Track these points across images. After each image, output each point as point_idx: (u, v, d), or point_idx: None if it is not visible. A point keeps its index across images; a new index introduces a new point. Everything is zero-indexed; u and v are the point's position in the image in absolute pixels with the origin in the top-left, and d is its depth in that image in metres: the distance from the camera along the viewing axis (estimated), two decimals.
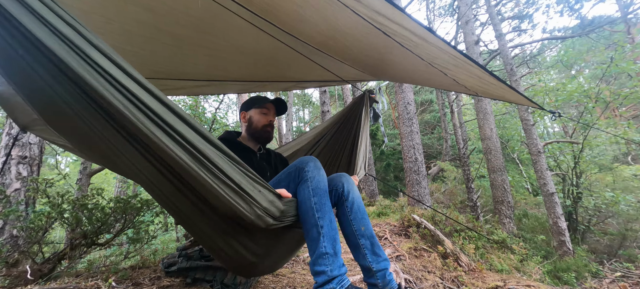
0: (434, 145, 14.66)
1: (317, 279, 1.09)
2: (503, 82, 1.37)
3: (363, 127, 2.16)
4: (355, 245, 1.27)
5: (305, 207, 1.17)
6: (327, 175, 1.31)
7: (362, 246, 1.25)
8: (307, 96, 22.04)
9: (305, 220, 1.17)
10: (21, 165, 2.83)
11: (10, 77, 0.87)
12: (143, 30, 1.48)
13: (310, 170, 1.23)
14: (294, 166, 1.29)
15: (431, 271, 2.80)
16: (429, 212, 4.35)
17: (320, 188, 1.20)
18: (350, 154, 2.17)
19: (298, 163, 1.29)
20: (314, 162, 1.28)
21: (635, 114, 10.43)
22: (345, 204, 1.29)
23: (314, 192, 1.18)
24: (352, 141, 2.18)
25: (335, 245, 1.13)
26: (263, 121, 1.66)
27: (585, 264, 4.21)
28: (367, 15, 1.05)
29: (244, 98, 8.56)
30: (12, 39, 0.72)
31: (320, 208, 1.16)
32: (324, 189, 1.21)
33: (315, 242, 1.12)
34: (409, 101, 5.78)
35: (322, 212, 1.16)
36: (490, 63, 11.72)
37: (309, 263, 1.16)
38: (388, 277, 1.21)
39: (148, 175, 0.99)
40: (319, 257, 1.10)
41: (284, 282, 2.12)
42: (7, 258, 2.02)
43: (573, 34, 10.08)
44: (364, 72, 2.15)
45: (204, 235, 1.18)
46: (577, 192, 5.77)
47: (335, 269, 1.08)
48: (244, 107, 1.70)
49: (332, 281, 1.06)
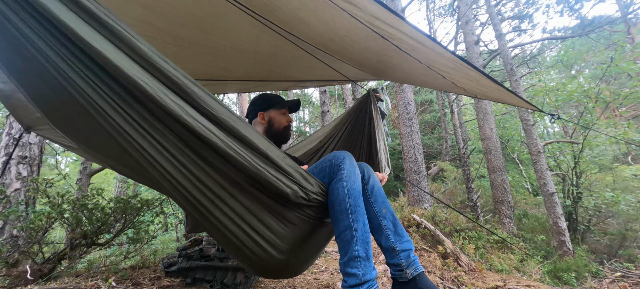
0: (434, 145, 14.66)
1: (347, 280, 1.08)
2: (501, 85, 1.37)
3: (377, 125, 2.17)
4: (377, 227, 1.26)
5: (339, 208, 1.14)
6: None
7: (384, 227, 1.24)
8: (307, 96, 22.05)
9: (339, 221, 1.14)
10: (21, 165, 2.84)
11: (22, 72, 0.87)
12: (144, 30, 1.48)
13: (346, 167, 1.19)
14: (328, 160, 1.24)
15: (431, 271, 2.80)
16: (429, 213, 4.35)
17: (355, 189, 1.16)
18: (368, 152, 2.18)
19: (332, 158, 1.24)
20: (349, 159, 1.23)
21: (635, 114, 10.43)
22: (366, 188, 1.29)
23: (349, 194, 1.14)
24: (367, 140, 2.19)
25: (368, 249, 1.11)
26: (284, 122, 1.64)
27: (585, 264, 4.21)
28: (365, 19, 1.05)
29: (244, 98, 8.55)
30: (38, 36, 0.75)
31: (355, 210, 1.13)
32: (358, 190, 1.18)
33: (348, 244, 1.11)
34: (409, 101, 5.78)
35: (357, 214, 1.13)
36: (490, 63, 11.72)
37: (340, 262, 1.14)
38: (412, 257, 1.19)
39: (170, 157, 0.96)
40: (351, 259, 1.09)
41: (284, 282, 2.13)
42: (7, 258, 2.02)
43: (573, 34, 10.07)
44: (364, 72, 2.15)
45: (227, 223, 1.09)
46: (577, 192, 5.77)
47: (367, 273, 1.07)
48: (262, 107, 1.64)
49: (363, 285, 1.05)
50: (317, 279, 2.34)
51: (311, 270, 2.60)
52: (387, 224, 1.24)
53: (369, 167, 1.38)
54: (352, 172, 1.19)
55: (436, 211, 4.39)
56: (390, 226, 1.24)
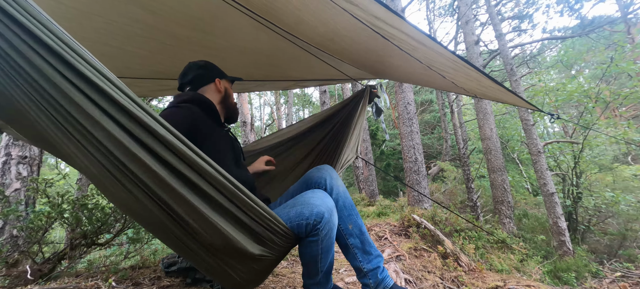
0: (434, 145, 14.66)
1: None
2: (501, 85, 1.37)
3: (359, 115, 2.15)
4: (344, 245, 1.23)
5: (310, 260, 1.11)
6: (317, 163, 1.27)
7: (351, 246, 1.20)
8: (307, 96, 22.06)
9: (307, 265, 1.14)
10: (21, 165, 2.84)
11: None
12: (143, 31, 1.49)
13: (324, 227, 1.06)
14: (308, 211, 1.06)
15: (431, 271, 2.80)
16: (429, 212, 4.35)
17: (331, 242, 1.11)
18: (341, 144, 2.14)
19: (311, 213, 1.06)
20: (329, 213, 1.08)
21: (635, 114, 10.43)
22: None
23: (322, 250, 1.09)
24: (347, 131, 2.16)
25: (329, 277, 1.19)
26: (233, 98, 1.47)
27: (585, 264, 4.21)
28: (365, 19, 1.05)
29: (244, 97, 8.56)
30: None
31: (325, 258, 1.12)
32: (333, 241, 1.13)
33: (311, 276, 1.16)
34: (409, 101, 5.78)
35: (326, 259, 1.13)
36: (490, 63, 11.72)
37: (303, 277, 1.19)
38: (380, 275, 1.16)
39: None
40: (312, 285, 1.18)
41: (284, 282, 2.12)
42: (7, 258, 2.02)
43: (573, 34, 10.07)
44: (364, 71, 2.16)
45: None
46: (577, 192, 5.78)
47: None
48: (218, 74, 1.41)
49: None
50: None
51: None
52: (355, 243, 1.20)
53: (334, 174, 1.29)
54: (331, 228, 1.08)
55: (436, 211, 4.39)
56: (358, 243, 1.20)
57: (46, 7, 1.20)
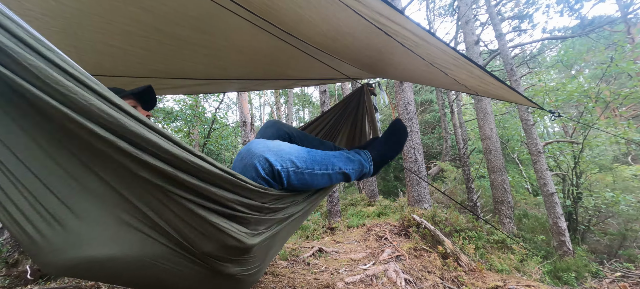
0: (434, 145, 14.66)
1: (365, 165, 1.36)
2: (503, 82, 1.37)
3: (364, 111, 2.17)
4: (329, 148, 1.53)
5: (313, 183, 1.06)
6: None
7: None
8: (307, 96, 22.05)
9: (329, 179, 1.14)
10: None
11: None
12: (142, 31, 1.49)
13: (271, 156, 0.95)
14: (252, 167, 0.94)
15: (431, 271, 2.80)
16: (429, 213, 4.35)
17: (301, 157, 1.02)
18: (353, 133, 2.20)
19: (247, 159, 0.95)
20: (263, 143, 0.99)
21: (635, 114, 10.43)
22: (295, 138, 1.44)
23: (305, 165, 1.02)
24: (352, 124, 2.20)
25: (353, 160, 1.29)
26: None
27: (585, 264, 4.21)
28: (369, 15, 1.05)
29: (244, 97, 8.54)
30: None
31: (325, 163, 1.10)
32: (305, 151, 1.06)
33: (351, 172, 1.25)
34: (409, 101, 5.77)
35: (327, 164, 1.11)
36: (490, 63, 11.72)
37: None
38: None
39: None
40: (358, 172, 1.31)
41: (284, 282, 2.12)
42: (7, 258, 2.02)
43: (573, 34, 10.08)
44: (364, 71, 2.15)
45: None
46: (577, 192, 5.78)
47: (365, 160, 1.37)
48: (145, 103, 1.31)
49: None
50: (317, 279, 2.34)
51: (311, 270, 2.59)
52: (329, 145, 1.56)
53: (278, 121, 1.47)
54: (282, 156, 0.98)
55: (436, 211, 4.39)
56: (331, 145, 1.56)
57: (46, 7, 1.20)
